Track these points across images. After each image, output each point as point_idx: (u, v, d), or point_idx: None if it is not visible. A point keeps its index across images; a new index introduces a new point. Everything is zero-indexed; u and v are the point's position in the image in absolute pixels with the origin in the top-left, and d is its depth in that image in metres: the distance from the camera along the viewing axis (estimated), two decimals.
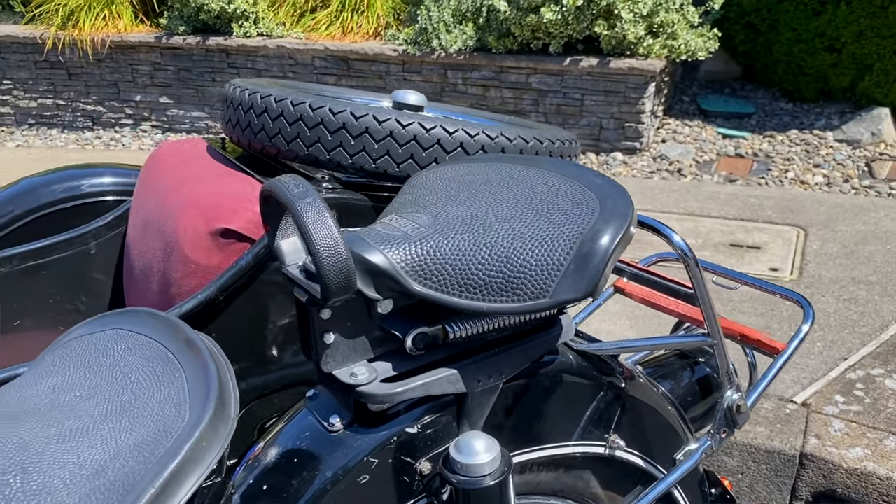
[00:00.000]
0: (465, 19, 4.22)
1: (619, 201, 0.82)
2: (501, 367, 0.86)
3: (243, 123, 1.38)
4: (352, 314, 0.82)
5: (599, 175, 0.88)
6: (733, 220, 3.21)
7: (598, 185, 0.86)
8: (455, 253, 0.79)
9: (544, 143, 1.39)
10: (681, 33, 3.95)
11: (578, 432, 0.96)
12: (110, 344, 0.81)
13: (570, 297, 0.76)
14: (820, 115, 4.37)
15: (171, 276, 1.29)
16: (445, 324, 0.84)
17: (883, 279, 2.62)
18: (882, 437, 1.87)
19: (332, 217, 0.73)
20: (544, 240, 0.78)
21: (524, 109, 4.18)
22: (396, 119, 1.28)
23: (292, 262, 0.84)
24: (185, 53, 4.74)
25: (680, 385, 1.18)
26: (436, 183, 0.95)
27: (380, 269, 0.78)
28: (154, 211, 1.41)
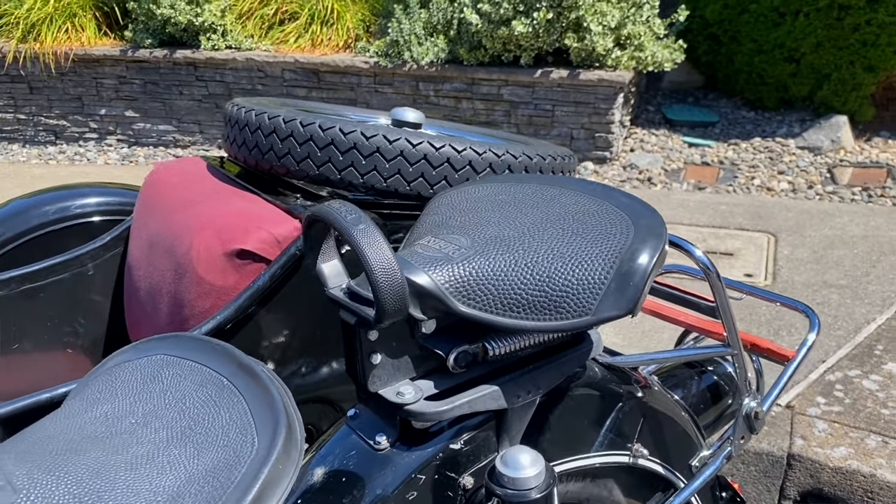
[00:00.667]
0: (436, 32, 4.26)
1: (652, 220, 0.86)
2: (538, 383, 0.89)
3: (250, 143, 1.39)
4: (397, 334, 0.84)
5: (627, 195, 0.92)
6: (705, 228, 3.30)
7: (627, 204, 0.89)
8: (497, 273, 0.82)
9: (546, 160, 1.42)
10: (647, 45, 4.04)
11: (605, 442, 0.99)
12: (156, 370, 0.82)
13: (613, 315, 0.79)
14: (781, 122, 4.51)
15: (183, 298, 1.30)
16: (485, 341, 0.86)
17: (853, 283, 2.72)
18: (863, 436, 1.94)
19: (386, 241, 0.75)
20: (584, 259, 0.82)
21: (496, 121, 4.23)
22: (407, 138, 1.30)
23: (335, 285, 0.86)
24: (151, 66, 4.69)
25: (691, 393, 1.22)
26: (464, 204, 0.98)
27: (426, 290, 0.80)
28: (160, 232, 1.41)
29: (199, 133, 4.79)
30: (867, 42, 4.21)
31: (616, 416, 1.00)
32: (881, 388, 2.12)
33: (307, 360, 1.32)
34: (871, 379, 2.17)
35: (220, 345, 0.83)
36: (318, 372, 1.34)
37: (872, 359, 2.26)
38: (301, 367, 1.32)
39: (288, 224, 1.27)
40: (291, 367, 1.31)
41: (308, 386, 1.33)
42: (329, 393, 1.36)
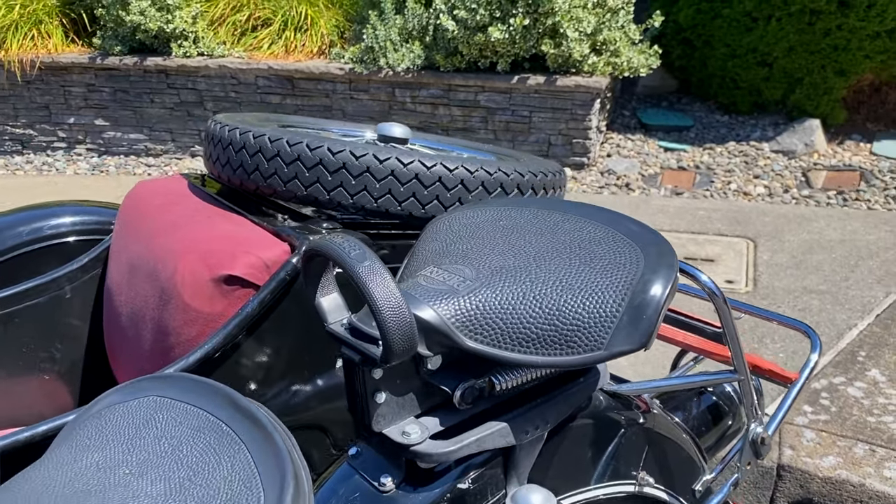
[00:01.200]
0: (411, 38, 4.23)
1: (661, 248, 0.83)
2: (547, 416, 0.86)
3: (234, 163, 1.35)
4: (401, 371, 0.81)
5: (634, 221, 0.90)
6: (684, 234, 3.31)
7: (635, 232, 0.87)
8: (505, 306, 0.79)
9: (538, 177, 1.40)
10: (623, 51, 4.05)
11: (611, 472, 0.97)
12: (150, 413, 0.78)
13: (626, 350, 0.77)
14: (755, 126, 4.54)
15: (168, 325, 1.25)
16: (491, 375, 0.83)
17: (833, 288, 2.74)
18: (851, 445, 1.95)
19: (392, 278, 0.72)
20: (594, 291, 0.79)
21: (473, 127, 4.21)
22: (397, 157, 1.27)
23: (335, 320, 0.82)
24: (121, 74, 4.60)
25: (692, 415, 1.20)
26: (464, 230, 0.95)
27: (432, 325, 0.77)
28: (142, 255, 1.37)
29: (171, 142, 4.71)
30: (838, 46, 4.26)
31: (621, 446, 0.98)
32: (866, 396, 2.13)
33: (298, 387, 1.28)
34: (856, 386, 2.18)
35: (215, 386, 0.79)
36: (309, 398, 1.30)
37: (856, 365, 2.27)
38: (292, 394, 1.28)
39: (276, 248, 1.23)
40: (282, 394, 1.28)
41: (299, 413, 1.29)
42: (321, 419, 1.32)
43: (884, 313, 2.57)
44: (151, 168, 4.64)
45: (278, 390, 1.27)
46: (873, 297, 2.67)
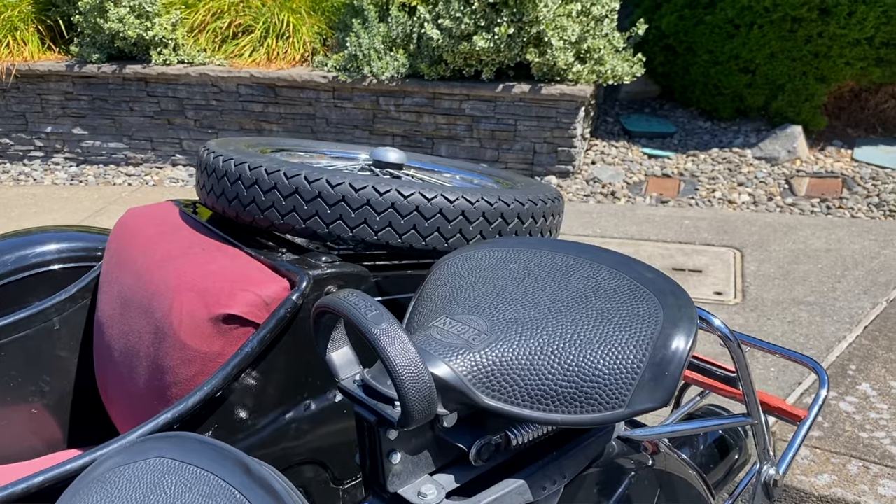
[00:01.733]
0: (395, 46, 4.20)
1: (680, 299, 0.82)
2: (564, 470, 0.84)
3: (230, 195, 1.32)
4: (417, 431, 0.79)
5: (648, 267, 0.88)
6: (672, 244, 3.31)
7: (650, 280, 0.86)
8: (522, 362, 0.77)
9: (538, 205, 1.39)
10: (607, 59, 4.05)
11: None
12: (157, 477, 0.75)
13: (648, 408, 0.76)
14: (737, 133, 4.57)
15: (164, 363, 1.22)
16: (507, 431, 0.82)
17: (820, 299, 2.76)
18: (845, 462, 1.96)
19: (411, 341, 0.70)
20: (614, 346, 0.78)
21: (458, 135, 4.19)
22: (398, 190, 1.25)
23: (347, 376, 0.80)
24: (99, 82, 4.53)
25: (699, 451, 1.19)
26: (473, 274, 0.93)
27: (448, 383, 0.75)
28: (135, 289, 1.33)
29: (151, 150, 4.64)
30: (819, 53, 4.30)
31: (633, 490, 0.96)
32: (858, 411, 2.14)
33: (298, 422, 1.26)
34: (847, 401, 2.19)
35: (225, 449, 0.77)
36: (310, 433, 1.27)
37: (847, 379, 2.28)
38: (292, 429, 1.25)
39: (275, 284, 1.20)
40: (282, 429, 1.25)
41: (298, 448, 1.27)
42: (320, 454, 1.30)
43: (871, 325, 2.59)
44: (131, 177, 4.57)
45: (276, 422, 1.25)
46: (860, 308, 2.69)
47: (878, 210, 3.61)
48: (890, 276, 2.90)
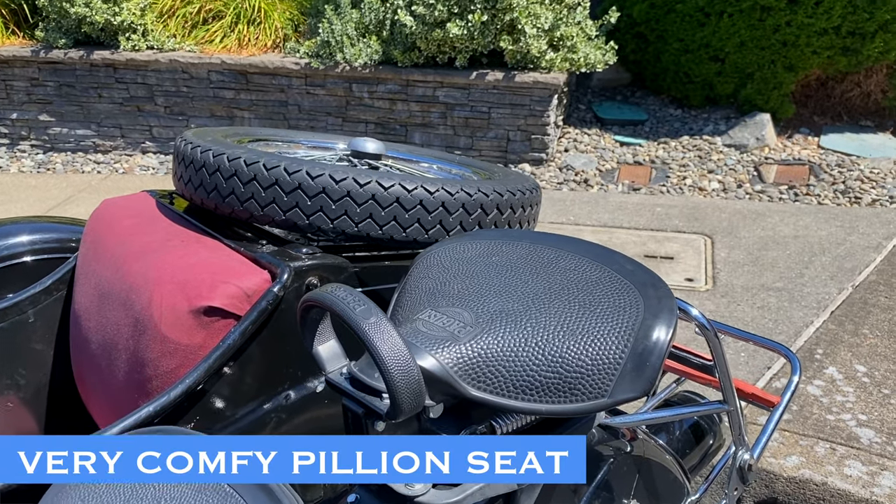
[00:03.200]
0: (368, 33, 4.18)
1: (660, 291, 0.84)
2: None
3: (208, 186, 1.32)
4: (403, 421, 0.80)
5: (628, 259, 0.90)
6: (644, 231, 3.35)
7: (630, 272, 0.87)
8: (507, 354, 0.79)
9: (517, 196, 1.40)
10: (580, 46, 4.07)
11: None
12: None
13: (629, 397, 0.78)
14: (707, 120, 4.62)
15: (144, 356, 1.22)
16: (492, 420, 0.83)
17: (789, 285, 2.82)
18: (813, 444, 2.01)
19: (399, 335, 0.71)
20: (597, 337, 0.79)
21: (432, 123, 4.19)
22: (378, 181, 1.25)
23: (334, 369, 0.81)
24: (66, 68, 4.45)
25: (675, 436, 1.22)
26: (457, 267, 0.94)
27: (434, 375, 0.77)
28: (113, 280, 1.32)
29: (120, 138, 4.57)
30: (787, 42, 4.35)
31: (613, 476, 0.99)
32: (825, 394, 2.20)
33: (280, 413, 1.26)
34: (815, 384, 2.24)
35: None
36: (292, 424, 1.28)
37: (814, 363, 2.34)
38: (273, 420, 1.26)
39: (256, 276, 1.21)
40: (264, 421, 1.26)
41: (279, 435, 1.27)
42: None
43: (838, 310, 2.65)
44: (101, 165, 4.51)
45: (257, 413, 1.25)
46: (827, 293, 2.75)
47: (843, 197, 3.69)
48: (855, 261, 2.97)
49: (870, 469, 1.93)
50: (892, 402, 2.16)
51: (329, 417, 1.33)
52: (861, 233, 3.21)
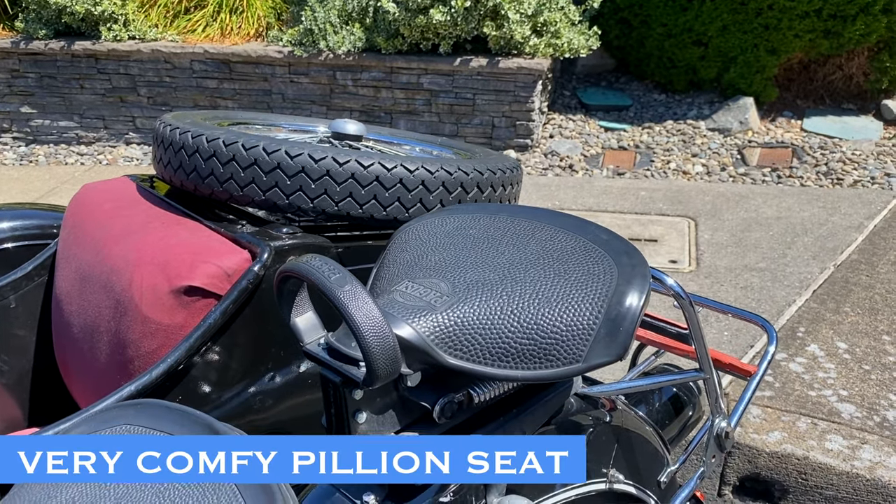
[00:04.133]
0: (351, 20, 4.16)
1: (634, 259, 0.85)
2: (524, 426, 0.87)
3: (187, 167, 1.32)
4: (381, 390, 0.81)
5: (603, 229, 0.91)
6: (629, 214, 3.37)
7: (605, 241, 0.88)
8: (483, 321, 0.80)
9: (497, 174, 1.41)
10: (564, 32, 4.07)
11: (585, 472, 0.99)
12: None
13: (603, 362, 0.78)
14: (691, 105, 4.64)
15: (126, 337, 1.22)
16: (470, 389, 0.84)
17: (772, 265, 2.84)
18: (795, 420, 2.03)
19: (374, 302, 0.71)
20: (571, 304, 0.80)
21: (417, 110, 4.19)
22: (357, 160, 1.26)
23: (312, 340, 0.82)
24: (47, 59, 4.41)
25: (654, 408, 1.24)
26: (434, 240, 0.95)
27: (411, 344, 0.77)
28: (93, 264, 1.32)
29: (103, 129, 4.55)
30: (769, 26, 4.37)
31: (592, 445, 1.00)
32: (806, 371, 2.22)
33: (260, 390, 1.27)
34: (797, 362, 2.27)
35: (191, 413, 0.78)
36: (275, 404, 1.29)
37: (796, 341, 2.36)
38: (257, 401, 1.27)
39: (236, 256, 1.21)
40: (244, 399, 1.26)
41: (264, 418, 1.28)
42: (287, 425, 1.31)
43: (820, 289, 2.67)
44: (84, 157, 4.48)
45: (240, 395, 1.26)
46: (809, 273, 2.77)
47: (826, 178, 3.71)
48: (837, 241, 2.99)
49: (850, 443, 1.95)
50: (873, 377, 2.19)
51: (315, 398, 1.34)
52: (843, 213, 3.24)
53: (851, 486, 1.88)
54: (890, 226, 3.11)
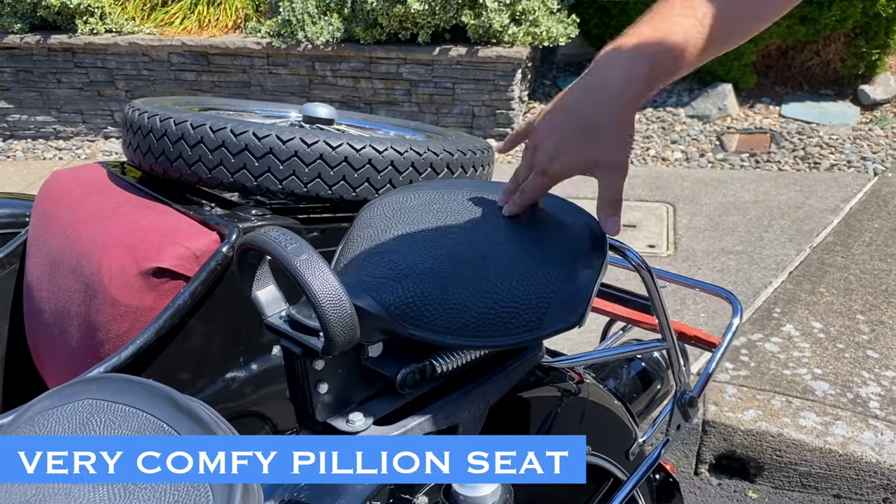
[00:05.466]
0: (329, 10, 4.15)
1: (592, 229, 0.86)
2: (487, 395, 0.88)
3: (156, 151, 1.32)
4: (343, 361, 0.81)
5: (562, 200, 0.92)
6: None
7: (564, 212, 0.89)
8: (443, 292, 0.80)
9: (467, 155, 1.41)
10: (542, 20, 4.08)
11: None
12: (86, 417, 0.76)
13: (560, 328, 0.79)
14: (671, 92, 4.66)
15: (96, 320, 1.22)
16: (432, 359, 0.85)
17: (748, 248, 2.86)
18: (769, 398, 2.06)
19: (331, 270, 0.72)
20: (528, 273, 0.81)
21: (397, 100, 4.18)
22: (325, 141, 1.26)
23: (273, 313, 0.82)
24: (23, 53, 4.37)
25: (622, 382, 1.25)
26: (399, 215, 0.95)
27: (371, 314, 0.78)
28: (63, 249, 1.32)
29: (81, 123, 4.52)
30: None
31: (558, 417, 1.01)
32: (781, 350, 2.25)
33: (233, 374, 1.27)
34: (773, 342, 2.29)
35: (152, 385, 0.78)
36: (246, 385, 1.29)
37: (772, 322, 2.39)
38: (228, 382, 1.27)
39: (205, 237, 1.21)
40: (218, 383, 1.26)
41: (236, 400, 1.28)
42: (258, 407, 1.31)
43: (796, 270, 2.70)
44: (62, 151, 4.45)
45: (214, 379, 1.26)
46: (786, 255, 2.80)
47: (803, 163, 3.75)
48: (813, 224, 3.02)
49: (824, 420, 1.98)
50: (847, 356, 2.22)
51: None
52: (819, 196, 3.27)
53: (825, 461, 1.91)
54: (865, 208, 3.14)
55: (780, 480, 1.96)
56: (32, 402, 0.84)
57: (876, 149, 3.78)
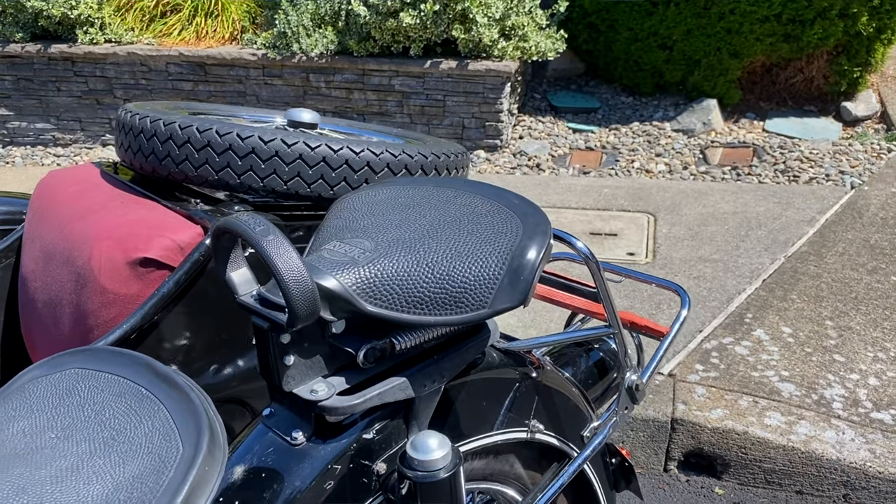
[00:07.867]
0: (324, 23, 4.25)
1: (537, 219, 0.94)
2: (443, 371, 0.96)
3: (146, 150, 1.40)
4: (308, 336, 0.89)
5: (516, 195, 1.00)
6: (591, 210, 3.47)
7: (516, 205, 0.97)
8: (401, 274, 0.88)
9: (441, 158, 1.50)
10: (531, 35, 4.18)
11: (505, 421, 1.08)
12: (72, 383, 0.84)
13: (506, 307, 0.87)
14: (657, 107, 4.76)
15: (86, 308, 1.29)
16: (392, 337, 0.93)
17: (725, 257, 2.95)
18: (737, 398, 2.13)
19: (294, 249, 0.80)
20: (479, 257, 0.89)
21: (389, 111, 4.28)
22: (305, 142, 1.34)
23: (245, 292, 0.90)
24: (24, 62, 4.46)
25: (580, 370, 1.33)
26: (366, 207, 1.04)
27: (334, 293, 0.86)
28: (56, 242, 1.40)
29: (80, 131, 4.60)
30: (732, 30, 4.51)
31: (514, 397, 1.09)
32: (751, 353, 2.33)
33: (215, 362, 1.35)
34: (743, 345, 2.37)
35: (134, 355, 0.86)
36: (227, 373, 1.36)
37: (743, 326, 2.47)
38: (210, 369, 1.34)
39: (190, 230, 1.29)
40: (200, 370, 1.34)
41: (218, 387, 1.36)
42: (240, 393, 1.39)
43: (769, 278, 2.78)
44: (60, 158, 4.53)
45: (197, 367, 1.34)
46: (761, 263, 2.88)
47: (783, 176, 3.84)
48: (789, 234, 3.11)
49: (788, 419, 2.05)
50: (814, 359, 2.29)
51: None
52: (797, 208, 3.36)
53: (788, 458, 1.98)
54: (840, 220, 3.23)
55: (745, 477, 2.03)
56: (22, 372, 0.92)
57: (854, 163, 3.87)
